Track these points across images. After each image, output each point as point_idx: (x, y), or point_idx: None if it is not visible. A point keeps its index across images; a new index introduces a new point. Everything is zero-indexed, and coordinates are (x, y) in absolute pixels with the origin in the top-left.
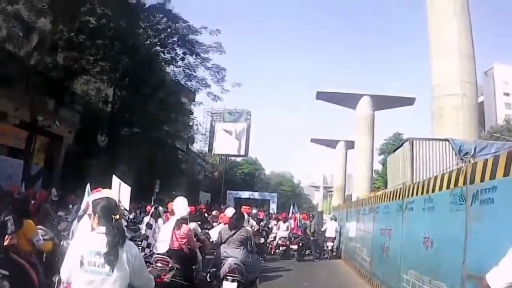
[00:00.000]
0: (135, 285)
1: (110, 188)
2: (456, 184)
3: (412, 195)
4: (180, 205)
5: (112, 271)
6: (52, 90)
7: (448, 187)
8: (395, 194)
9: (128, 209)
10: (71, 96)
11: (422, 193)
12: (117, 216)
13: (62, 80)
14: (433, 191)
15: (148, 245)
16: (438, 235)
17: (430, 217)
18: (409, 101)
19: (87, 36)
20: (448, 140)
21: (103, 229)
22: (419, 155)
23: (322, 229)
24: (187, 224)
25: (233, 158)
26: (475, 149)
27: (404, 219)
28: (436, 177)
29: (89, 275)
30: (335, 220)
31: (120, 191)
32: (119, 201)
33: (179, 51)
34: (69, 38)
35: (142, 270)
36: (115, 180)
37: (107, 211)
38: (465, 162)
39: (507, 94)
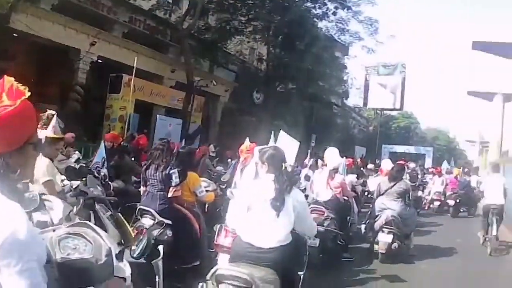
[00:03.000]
0: (298, 231)
1: (267, 143)
2: None
3: None
4: (332, 156)
5: (278, 217)
6: (206, 52)
7: None
8: None
9: (292, 164)
10: (225, 56)
11: None
12: (286, 164)
13: (216, 41)
14: None
15: (306, 197)
16: None
17: None
18: None
19: None
20: None
21: (271, 176)
22: None
23: (480, 187)
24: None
25: (388, 112)
26: None
27: None
28: None
29: (255, 220)
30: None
31: (286, 146)
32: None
33: (331, 6)
34: (220, 1)
35: (306, 217)
36: (282, 135)
37: (276, 159)
38: None
39: None
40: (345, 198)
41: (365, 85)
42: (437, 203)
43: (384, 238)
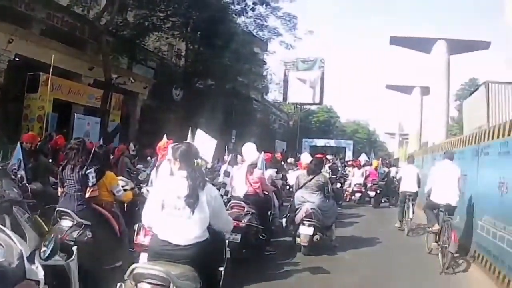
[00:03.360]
0: (214, 227)
1: (185, 139)
2: None
3: (488, 139)
4: (249, 151)
5: (193, 213)
6: (125, 48)
7: None
8: (470, 139)
9: (209, 162)
10: (144, 53)
11: (498, 137)
12: (199, 160)
13: (134, 38)
14: (509, 135)
15: (226, 193)
16: None
17: (506, 161)
18: (484, 45)
19: None
20: None
21: (184, 173)
22: (495, 98)
23: (397, 176)
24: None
25: (307, 106)
26: None
27: (480, 164)
28: None
29: (170, 218)
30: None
31: (203, 145)
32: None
33: (249, 2)
34: None
35: (221, 212)
36: (200, 133)
37: (188, 156)
38: None
39: None
40: (265, 192)
41: (285, 80)
42: (358, 195)
43: (305, 231)
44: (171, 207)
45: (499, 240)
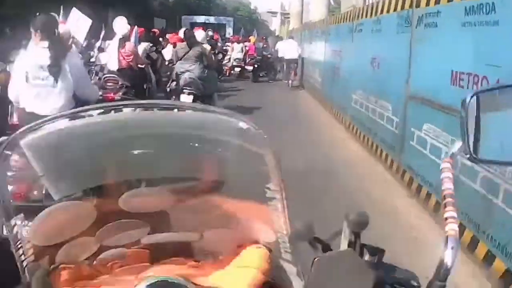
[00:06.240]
0: (79, 95)
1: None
2: (403, 7)
3: (361, 17)
4: (120, 24)
5: (56, 83)
6: None
7: (395, 9)
8: (346, 17)
9: (82, 42)
10: None
11: (371, 15)
12: (60, 30)
13: None
14: (381, 13)
15: (102, 69)
16: (385, 56)
17: (378, 38)
18: None
19: None
20: None
21: (45, 43)
22: None
23: (276, 48)
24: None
25: None
26: None
27: (354, 40)
28: (384, 0)
29: (34, 89)
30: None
31: (77, 24)
32: (73, 33)
33: None
34: None
35: (85, 80)
36: (74, 11)
37: (48, 26)
38: None
39: None
40: (140, 66)
41: None
42: (237, 69)
43: (185, 99)
44: (35, 78)
45: (371, 113)
